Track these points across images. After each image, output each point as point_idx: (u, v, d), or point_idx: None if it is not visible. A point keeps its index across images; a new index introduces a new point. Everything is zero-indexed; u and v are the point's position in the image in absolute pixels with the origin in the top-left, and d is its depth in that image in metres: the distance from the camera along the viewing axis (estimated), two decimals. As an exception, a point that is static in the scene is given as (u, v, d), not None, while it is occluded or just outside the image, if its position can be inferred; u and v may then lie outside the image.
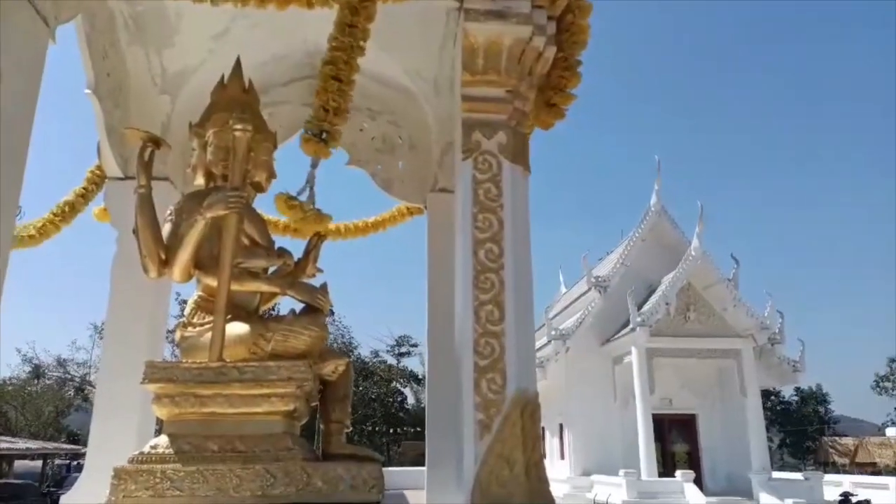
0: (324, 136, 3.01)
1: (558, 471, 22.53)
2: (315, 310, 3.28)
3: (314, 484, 2.83)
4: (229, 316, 3.15)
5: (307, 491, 2.82)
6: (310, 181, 3.04)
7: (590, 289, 23.40)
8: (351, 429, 3.66)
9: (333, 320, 50.52)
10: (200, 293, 3.34)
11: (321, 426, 3.65)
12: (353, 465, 2.95)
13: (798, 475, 19.86)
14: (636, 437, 19.71)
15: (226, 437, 2.95)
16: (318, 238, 3.76)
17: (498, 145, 2.75)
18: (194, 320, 3.26)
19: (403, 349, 53.42)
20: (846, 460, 33.91)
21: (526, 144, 2.91)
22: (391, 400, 50.23)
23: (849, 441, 35.43)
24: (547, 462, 24.65)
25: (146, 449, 2.94)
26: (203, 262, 3.29)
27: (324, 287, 3.36)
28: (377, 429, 47.18)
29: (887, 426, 37.33)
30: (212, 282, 3.22)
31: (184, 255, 3.23)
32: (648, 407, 19.86)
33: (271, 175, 3.67)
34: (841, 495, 18.05)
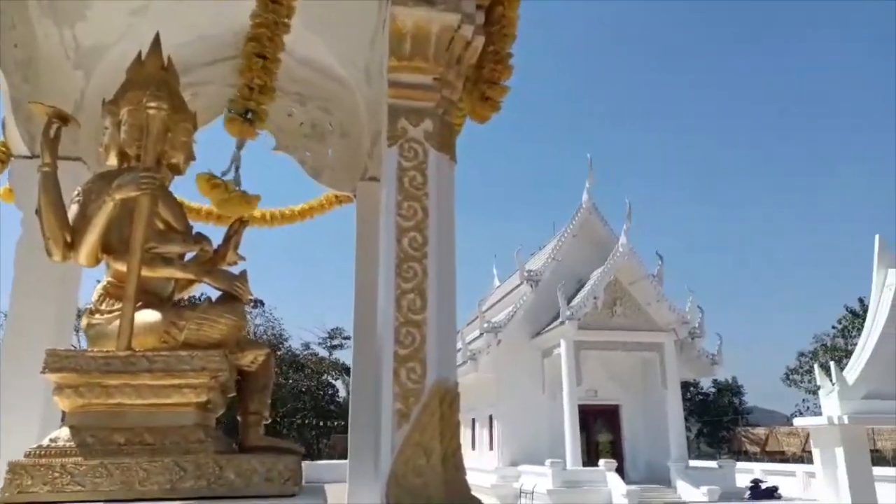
0: (249, 115, 2.90)
1: (487, 461, 22.87)
2: (233, 298, 3.16)
3: (226, 477, 2.74)
4: (140, 303, 2.99)
5: (219, 484, 2.72)
6: (235, 162, 2.93)
7: (522, 282, 23.81)
8: (269, 420, 3.56)
9: (264, 312, 49.56)
10: (110, 279, 3.16)
11: (239, 418, 3.55)
12: (268, 458, 2.86)
13: (713, 463, 20.85)
14: (563, 428, 20.22)
15: (133, 429, 2.81)
16: (240, 224, 3.63)
17: (424, 133, 2.72)
18: (102, 307, 3.08)
19: (336, 341, 52.85)
20: (757, 449, 35.83)
21: (453, 133, 2.89)
22: (322, 393, 49.67)
23: (760, 431, 37.40)
24: (476, 453, 25.02)
25: (45, 442, 2.77)
26: (112, 247, 3.11)
27: (243, 274, 3.25)
28: (307, 422, 46.57)
29: (795, 416, 39.65)
30: (121, 267, 3.05)
31: (91, 238, 3.05)
32: (575, 398, 20.41)
33: (190, 157, 3.50)
34: (751, 482, 19.04)
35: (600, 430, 22.68)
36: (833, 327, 39.72)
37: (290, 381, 48.93)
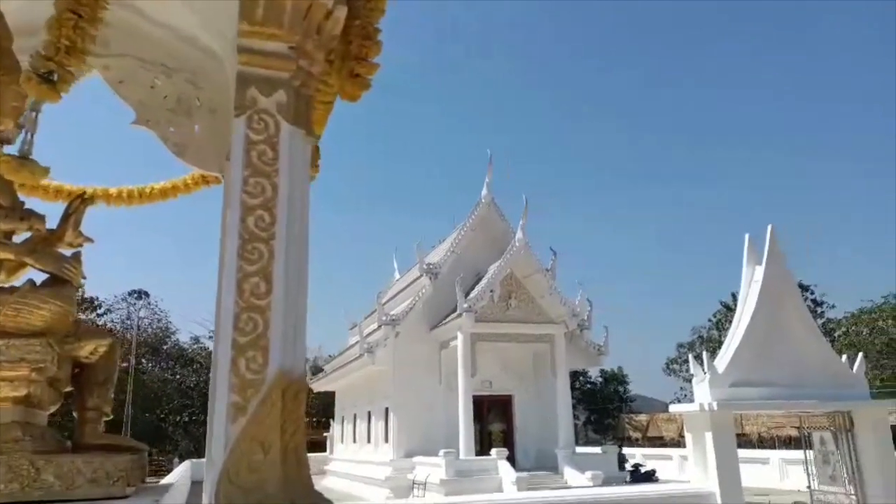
0: (53, 76, 2.59)
1: (383, 454, 22.77)
2: (61, 281, 2.84)
3: (44, 479, 2.45)
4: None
5: (35, 487, 2.43)
6: (27, 126, 2.60)
7: (421, 275, 23.82)
8: (111, 416, 3.26)
9: (149, 304, 46.90)
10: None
11: (75, 414, 3.22)
12: (96, 457, 2.59)
13: (598, 449, 21.78)
14: (458, 419, 20.46)
15: (-66, 428, 2.46)
16: (81, 201, 3.29)
17: (277, 104, 2.53)
18: None
19: (228, 334, 51.02)
20: (640, 435, 37.99)
21: (310, 107, 2.72)
22: (212, 388, 47.79)
23: (643, 418, 39.70)
24: (372, 446, 24.86)
25: None
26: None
27: (76, 256, 2.93)
28: (195, 419, 44.58)
29: (673, 404, 42.29)
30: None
31: None
32: (470, 389, 20.69)
33: (19, 124, 3.13)
34: (632, 466, 20.12)
35: (494, 420, 23.13)
36: (709, 320, 42.74)
37: (178, 376, 46.67)
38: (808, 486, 12.29)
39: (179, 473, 25.93)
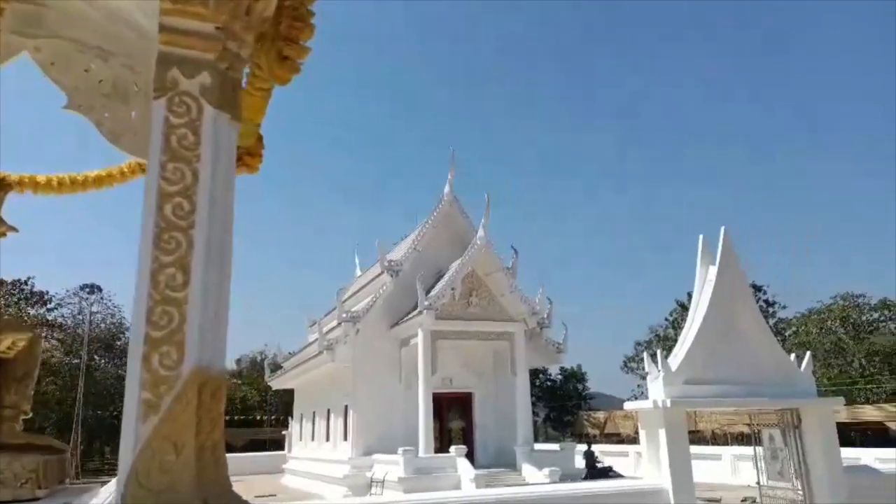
0: None
1: (342, 452, 22.55)
2: (-32, 270, 2.68)
3: (-59, 483, 2.29)
4: None
5: (-70, 492, 2.27)
6: None
7: (382, 272, 23.66)
8: (30, 415, 3.09)
9: (101, 298, 45.55)
10: None
11: None
12: (3, 458, 2.44)
13: (555, 446, 21.94)
14: (418, 417, 20.37)
15: None
16: (-1, 189, 3.10)
17: (200, 87, 2.40)
18: None
19: (185, 330, 49.89)
20: (597, 431, 38.47)
21: (237, 91, 2.58)
22: (169, 385, 46.66)
23: (601, 415, 40.23)
24: (331, 444, 24.60)
25: None
26: None
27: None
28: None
29: (628, 401, 42.99)
30: None
31: None
32: (430, 387, 20.62)
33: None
34: (585, 455, 20.27)
35: (454, 418, 23.11)
36: (665, 319, 43.56)
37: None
38: (758, 482, 12.56)
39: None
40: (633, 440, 31.95)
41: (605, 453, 26.47)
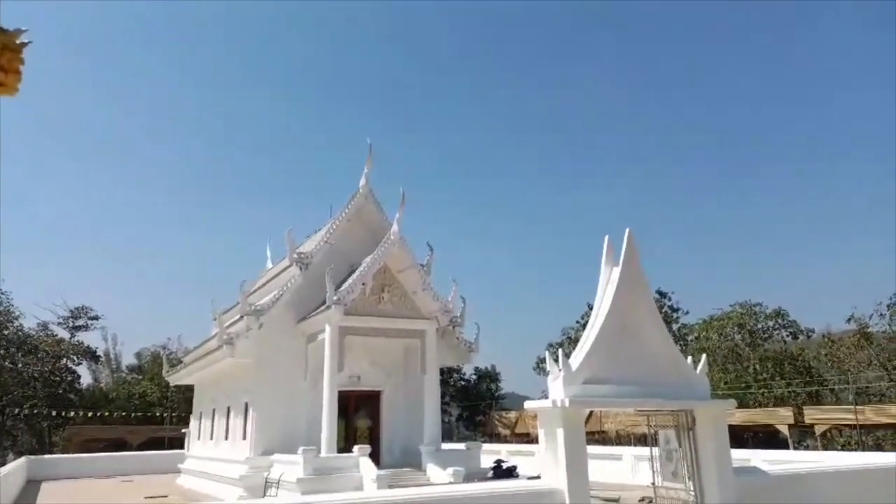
0: None
1: (240, 451, 21.50)
2: None
3: None
4: None
5: None
6: None
7: (291, 265, 22.76)
8: None
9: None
10: None
11: None
12: None
13: (461, 446, 21.75)
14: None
15: None
16: None
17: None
18: None
19: (80, 322, 46.62)
20: (508, 431, 38.78)
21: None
22: (59, 379, 43.45)
23: (512, 415, 40.57)
24: (229, 443, 23.44)
25: None
26: None
27: None
28: (37, 411, 40.43)
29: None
30: None
31: None
32: (335, 384, 19.96)
33: None
34: (494, 462, 20.22)
35: (361, 417, 22.52)
36: (577, 322, 44.49)
37: (20, 365, 42.02)
38: (653, 483, 12.71)
39: (6, 471, 23.22)
40: (541, 440, 32.31)
41: (514, 453, 26.62)
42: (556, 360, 11.47)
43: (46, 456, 34.24)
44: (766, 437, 32.28)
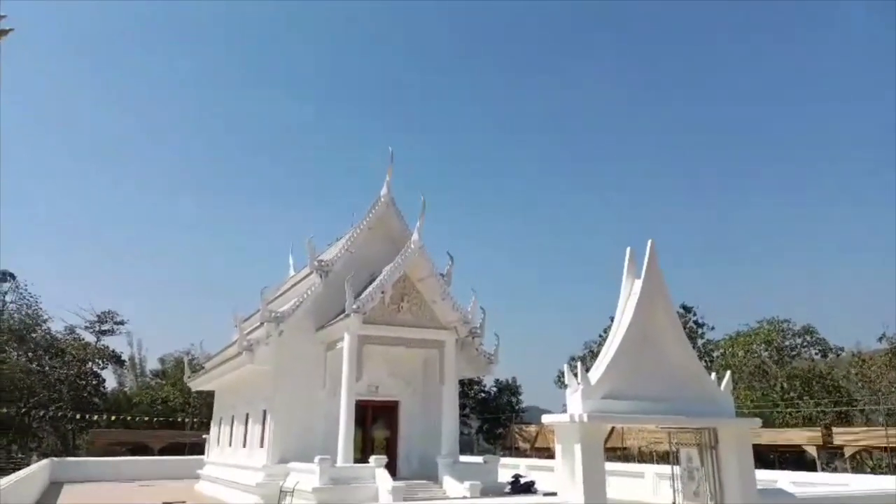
0: None
1: (258, 459, 21.49)
2: None
3: None
4: None
5: None
6: None
7: (312, 272, 22.81)
8: None
9: (16, 287, 42.88)
10: None
11: None
12: None
13: (479, 459, 21.47)
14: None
15: None
16: None
17: None
18: None
19: (106, 326, 47.28)
20: (528, 445, 38.31)
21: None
22: (84, 383, 44.08)
23: (532, 428, 40.07)
24: (247, 450, 23.46)
25: None
26: None
27: None
28: (63, 414, 41.02)
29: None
30: None
31: None
32: (353, 393, 19.83)
33: None
34: (512, 477, 19.94)
35: (378, 427, 22.37)
36: (600, 335, 43.88)
37: (47, 368, 42.75)
38: (674, 502, 12.38)
39: (30, 472, 23.51)
40: (561, 455, 31.83)
41: (534, 468, 26.23)
42: (576, 374, 11.22)
43: (69, 458, 34.67)
44: (794, 458, 31.42)
